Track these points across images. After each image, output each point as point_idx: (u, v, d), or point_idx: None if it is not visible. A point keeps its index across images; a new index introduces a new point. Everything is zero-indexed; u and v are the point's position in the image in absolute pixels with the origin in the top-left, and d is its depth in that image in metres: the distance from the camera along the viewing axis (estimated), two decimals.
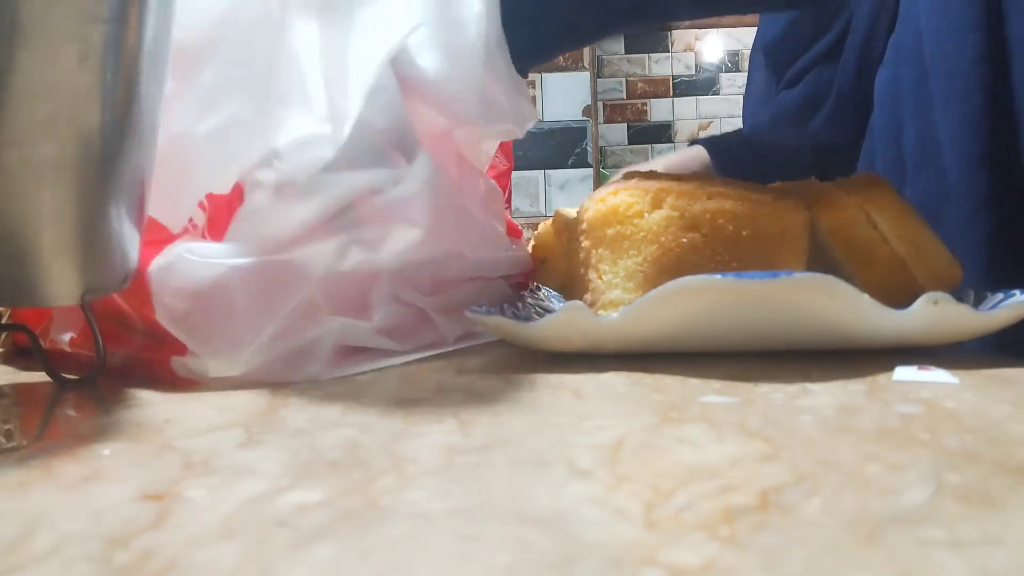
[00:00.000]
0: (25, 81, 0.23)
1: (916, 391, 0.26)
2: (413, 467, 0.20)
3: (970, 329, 0.31)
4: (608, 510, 0.16)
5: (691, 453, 0.20)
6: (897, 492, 0.17)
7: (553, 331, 0.32)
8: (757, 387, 0.27)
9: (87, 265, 0.28)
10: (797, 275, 0.29)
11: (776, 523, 0.15)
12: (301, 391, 0.29)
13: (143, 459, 0.21)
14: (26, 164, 0.24)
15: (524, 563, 0.14)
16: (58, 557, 0.15)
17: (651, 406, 0.25)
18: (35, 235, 0.26)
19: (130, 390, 0.31)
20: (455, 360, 0.35)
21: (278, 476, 0.19)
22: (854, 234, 0.36)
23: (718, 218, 0.32)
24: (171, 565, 0.14)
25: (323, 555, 0.14)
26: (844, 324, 0.31)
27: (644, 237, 0.32)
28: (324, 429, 0.24)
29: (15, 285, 0.26)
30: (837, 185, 0.36)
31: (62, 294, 0.27)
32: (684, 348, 0.33)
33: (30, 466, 0.21)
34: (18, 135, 0.24)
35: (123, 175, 0.28)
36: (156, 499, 0.18)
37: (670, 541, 0.15)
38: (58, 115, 0.25)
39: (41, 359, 0.33)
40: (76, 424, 0.26)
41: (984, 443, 0.20)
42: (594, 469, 0.19)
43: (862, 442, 0.20)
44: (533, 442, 0.22)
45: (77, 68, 0.24)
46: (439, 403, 0.27)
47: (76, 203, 0.26)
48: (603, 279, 0.34)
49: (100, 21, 0.24)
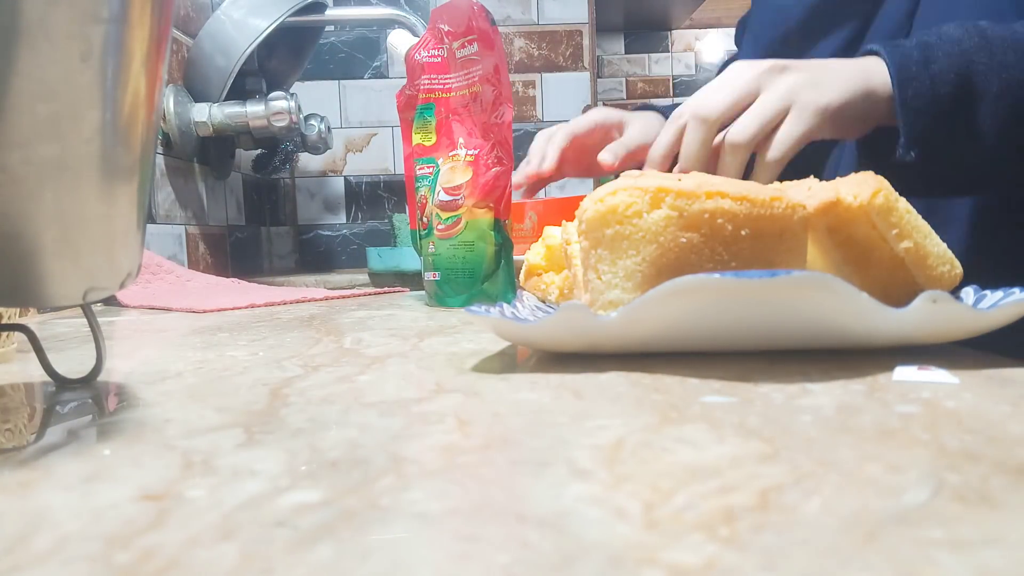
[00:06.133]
0: (26, 81, 0.23)
1: (916, 391, 0.26)
2: (413, 467, 0.20)
3: (970, 328, 0.31)
4: (608, 510, 0.16)
5: (691, 453, 0.20)
6: (897, 492, 0.17)
7: (553, 331, 0.32)
8: (757, 387, 0.27)
9: (88, 265, 0.28)
10: (796, 274, 0.29)
11: (776, 523, 0.15)
12: (301, 391, 0.29)
13: (143, 459, 0.21)
14: (27, 164, 0.24)
15: (524, 563, 0.14)
16: (58, 557, 0.15)
17: (651, 406, 0.25)
18: (36, 235, 0.26)
19: (130, 390, 0.31)
20: (455, 360, 0.35)
21: (278, 476, 0.19)
22: (854, 234, 0.36)
23: (717, 218, 0.32)
24: (171, 565, 0.14)
25: (323, 555, 0.14)
26: (844, 323, 0.31)
27: (643, 237, 0.32)
28: (324, 429, 0.24)
29: (16, 285, 0.26)
30: (836, 184, 0.36)
31: (64, 294, 0.27)
32: (683, 348, 0.33)
33: (30, 466, 0.21)
34: (19, 135, 0.24)
35: (124, 175, 0.28)
36: (156, 499, 0.18)
37: (670, 541, 0.15)
38: (59, 115, 0.25)
39: (41, 359, 0.33)
40: (76, 424, 0.26)
41: (984, 443, 0.20)
42: (594, 469, 0.19)
43: (862, 442, 0.20)
44: (533, 442, 0.22)
45: (77, 68, 0.24)
46: (439, 403, 0.27)
47: (77, 203, 0.26)
48: (602, 279, 0.34)
49: (100, 21, 0.24)
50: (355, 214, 1.71)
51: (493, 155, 0.60)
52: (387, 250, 1.22)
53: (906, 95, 0.51)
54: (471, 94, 0.61)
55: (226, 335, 0.49)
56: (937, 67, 0.51)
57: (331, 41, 1.66)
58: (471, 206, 0.59)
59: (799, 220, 0.34)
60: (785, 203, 0.33)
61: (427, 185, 0.63)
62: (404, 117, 0.66)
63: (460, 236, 0.60)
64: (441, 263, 0.61)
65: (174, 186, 1.22)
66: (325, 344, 0.43)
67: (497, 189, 0.59)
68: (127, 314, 0.68)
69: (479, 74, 0.61)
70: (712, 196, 0.32)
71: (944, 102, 0.50)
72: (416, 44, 0.65)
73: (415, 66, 0.64)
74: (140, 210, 0.30)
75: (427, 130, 0.64)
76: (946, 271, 0.36)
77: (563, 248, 0.43)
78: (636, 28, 2.70)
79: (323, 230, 1.72)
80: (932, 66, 0.51)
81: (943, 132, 0.51)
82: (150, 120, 0.29)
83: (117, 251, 0.29)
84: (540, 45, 1.68)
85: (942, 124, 0.51)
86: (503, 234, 0.60)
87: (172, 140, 1.18)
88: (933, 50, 0.51)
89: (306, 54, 1.46)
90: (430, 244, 0.62)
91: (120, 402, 0.29)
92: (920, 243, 0.36)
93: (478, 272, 0.59)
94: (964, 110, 0.51)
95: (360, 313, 0.60)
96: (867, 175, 0.36)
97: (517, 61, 1.67)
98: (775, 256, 0.33)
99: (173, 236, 1.20)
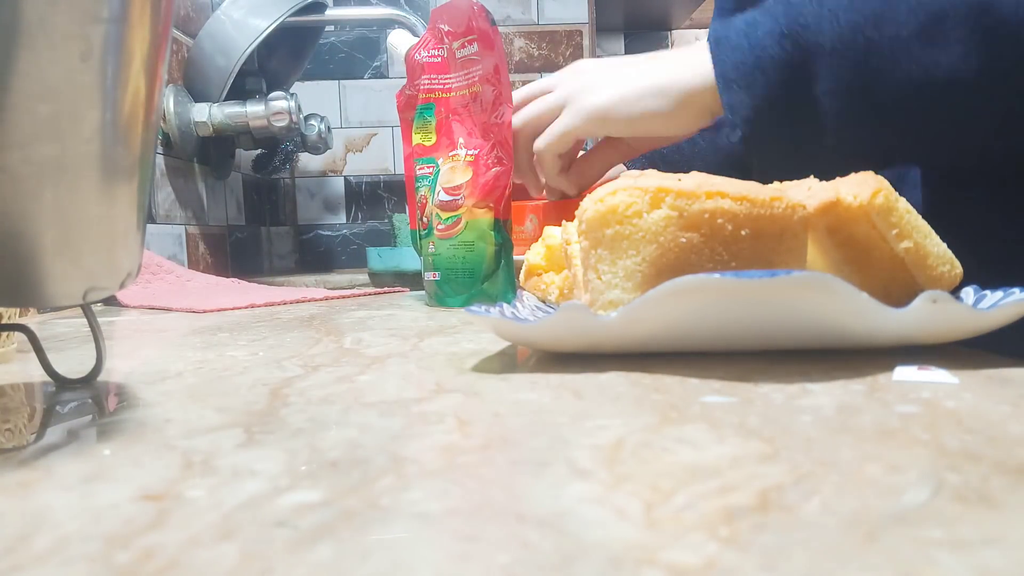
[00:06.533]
0: (26, 81, 0.23)
1: (916, 391, 0.26)
2: (413, 467, 0.20)
3: (969, 327, 0.31)
4: (608, 510, 0.16)
5: (691, 453, 0.20)
6: (897, 492, 0.17)
7: (553, 331, 0.32)
8: (757, 387, 0.27)
9: (88, 265, 0.28)
10: (796, 274, 0.29)
11: (776, 523, 0.15)
12: (301, 391, 0.29)
13: (143, 459, 0.21)
14: (27, 164, 0.24)
15: (524, 563, 0.14)
16: (58, 557, 0.15)
17: (651, 406, 0.25)
18: (36, 235, 0.26)
19: (130, 390, 0.31)
20: (455, 360, 0.35)
21: (278, 476, 0.19)
22: (854, 234, 0.36)
23: (717, 218, 0.32)
24: (171, 565, 0.14)
25: (323, 555, 0.14)
26: (843, 323, 0.31)
27: (643, 237, 0.32)
28: (324, 429, 0.24)
29: (16, 285, 0.26)
30: (836, 184, 0.36)
31: (64, 294, 0.27)
32: (683, 348, 0.33)
33: (30, 466, 0.21)
34: (19, 135, 0.24)
35: (124, 175, 0.28)
36: (156, 499, 0.18)
37: (670, 541, 0.15)
38: (59, 115, 0.25)
39: (41, 359, 0.33)
40: (76, 424, 0.26)
41: (984, 443, 0.20)
42: (594, 469, 0.19)
43: (862, 442, 0.20)
44: (533, 442, 0.22)
45: (77, 68, 0.24)
46: (439, 403, 0.27)
47: (77, 203, 0.26)
48: (602, 279, 0.34)
49: (100, 21, 0.24)
50: (355, 214, 1.71)
51: (493, 155, 0.60)
52: (387, 250, 1.22)
53: (725, 68, 0.48)
54: (471, 94, 0.61)
55: (226, 335, 0.49)
56: (761, 31, 0.47)
57: (331, 41, 1.66)
58: (471, 206, 0.59)
59: (799, 220, 0.34)
60: (785, 203, 0.33)
61: (427, 185, 0.63)
62: (404, 117, 0.66)
63: (460, 236, 0.60)
64: (441, 263, 0.61)
65: (174, 186, 1.22)
66: (325, 344, 0.43)
67: (497, 189, 0.59)
68: (127, 314, 0.68)
69: (479, 74, 0.61)
70: (712, 196, 0.32)
71: (770, 69, 0.46)
72: (416, 44, 0.65)
73: (415, 66, 0.64)
74: (140, 210, 0.30)
75: (427, 130, 0.64)
76: (946, 271, 0.36)
77: (563, 248, 0.43)
78: (636, 28, 2.70)
79: (323, 230, 1.72)
80: (756, 31, 0.47)
81: (778, 106, 0.46)
82: (150, 120, 0.29)
83: (117, 251, 0.29)
84: (540, 45, 1.68)
85: (776, 94, 0.46)
86: (503, 234, 0.60)
87: (172, 140, 1.18)
88: (760, 14, 0.47)
89: (306, 54, 1.46)
90: (430, 244, 0.62)
91: (120, 402, 0.29)
92: (920, 243, 0.36)
93: (478, 272, 0.59)
94: (796, 73, 0.45)
95: (360, 313, 0.60)
96: (867, 175, 0.36)
97: (517, 61, 1.67)
98: (775, 256, 0.33)
99: (173, 236, 1.20)
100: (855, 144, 0.47)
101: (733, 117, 0.48)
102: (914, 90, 0.44)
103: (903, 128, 0.46)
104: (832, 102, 0.46)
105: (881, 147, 0.48)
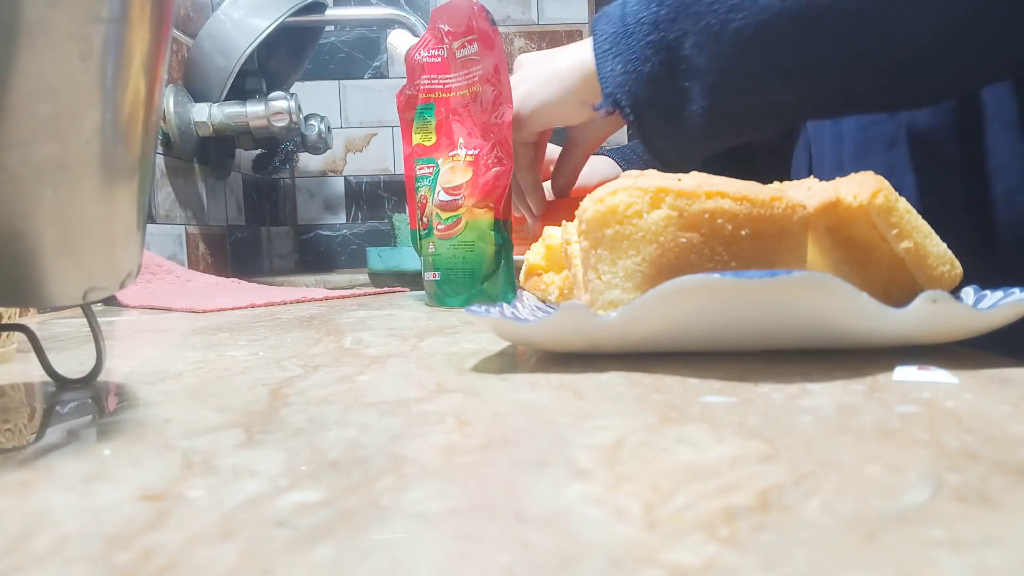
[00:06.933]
0: (26, 81, 0.23)
1: (916, 391, 0.26)
2: (413, 467, 0.20)
3: (969, 327, 0.31)
4: (608, 510, 0.16)
5: (691, 453, 0.20)
6: (897, 492, 0.17)
7: (553, 331, 0.32)
8: (757, 387, 0.27)
9: (88, 265, 0.28)
10: (796, 274, 0.29)
11: (776, 523, 0.15)
12: (301, 391, 0.29)
13: (143, 459, 0.21)
14: (27, 164, 0.24)
15: (524, 563, 0.14)
16: (58, 557, 0.15)
17: (651, 406, 0.25)
18: (37, 235, 0.26)
19: (130, 390, 0.31)
20: (455, 360, 0.35)
21: (278, 476, 0.19)
22: (854, 234, 0.36)
23: (717, 218, 0.32)
24: (171, 565, 0.14)
25: (323, 555, 0.14)
26: (843, 323, 0.31)
27: (643, 237, 0.32)
28: (324, 429, 0.24)
29: (16, 285, 0.26)
30: (836, 184, 0.36)
31: (64, 294, 0.27)
32: (683, 348, 0.33)
33: (30, 466, 0.21)
34: (19, 135, 0.24)
35: (124, 175, 0.28)
36: (156, 499, 0.18)
37: (670, 541, 0.15)
38: (59, 115, 0.25)
39: (41, 359, 0.33)
40: (76, 424, 0.26)
41: (984, 443, 0.20)
42: (594, 469, 0.19)
43: (862, 442, 0.20)
44: (533, 442, 0.22)
45: (77, 68, 0.24)
46: (439, 403, 0.27)
47: (77, 203, 0.26)
48: (602, 279, 0.34)
49: (100, 21, 0.24)
50: (355, 214, 1.71)
51: (493, 155, 0.60)
52: (387, 250, 1.22)
53: (601, 41, 0.47)
54: (471, 94, 0.61)
55: (226, 335, 0.49)
56: (631, 6, 0.47)
57: (331, 41, 1.66)
58: (471, 206, 0.59)
59: (799, 220, 0.34)
60: (785, 203, 0.33)
61: (427, 185, 0.63)
62: (404, 117, 0.66)
63: (460, 236, 0.60)
64: (441, 263, 0.61)
65: (174, 186, 1.22)
66: (325, 344, 0.43)
67: (497, 189, 0.59)
68: (127, 314, 0.68)
69: (479, 74, 0.61)
70: (712, 196, 0.32)
71: (637, 32, 0.46)
72: (416, 44, 0.65)
73: (415, 66, 0.64)
74: (140, 210, 0.30)
75: (427, 130, 0.64)
76: (946, 271, 0.36)
77: (563, 248, 0.43)
78: None
79: (323, 230, 1.72)
80: (630, 1, 0.47)
81: (649, 68, 0.46)
82: (150, 120, 0.29)
83: (117, 251, 0.29)
84: (540, 45, 1.68)
85: (644, 54, 0.45)
86: (503, 234, 0.60)
87: (172, 140, 1.18)
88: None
89: (306, 54, 1.46)
90: (430, 244, 0.62)
91: (120, 402, 0.29)
92: (920, 243, 0.36)
93: (478, 272, 0.59)
94: (663, 30, 0.45)
95: (360, 313, 0.60)
96: (867, 175, 0.36)
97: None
98: (775, 256, 0.33)
99: (173, 236, 1.20)
100: (737, 97, 0.46)
101: (605, 87, 0.48)
102: (784, 24, 0.43)
103: (778, 67, 0.45)
104: (700, 53, 0.45)
105: (760, 94, 0.47)
